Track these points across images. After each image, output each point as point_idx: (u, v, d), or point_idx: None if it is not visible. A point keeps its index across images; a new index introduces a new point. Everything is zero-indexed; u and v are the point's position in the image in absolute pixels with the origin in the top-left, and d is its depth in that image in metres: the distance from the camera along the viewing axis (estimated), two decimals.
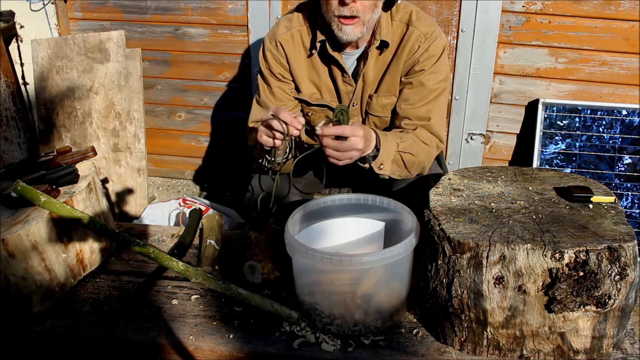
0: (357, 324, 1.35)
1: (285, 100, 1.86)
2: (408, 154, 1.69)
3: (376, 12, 1.67)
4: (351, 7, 1.61)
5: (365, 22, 1.66)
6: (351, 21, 1.64)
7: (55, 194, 1.52)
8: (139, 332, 1.40)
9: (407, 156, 1.69)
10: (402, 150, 1.68)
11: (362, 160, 1.64)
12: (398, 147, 1.67)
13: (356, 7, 1.61)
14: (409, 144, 1.70)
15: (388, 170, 1.67)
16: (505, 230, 1.24)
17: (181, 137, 3.23)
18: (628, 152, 2.58)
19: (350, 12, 1.62)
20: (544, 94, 2.68)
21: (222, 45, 2.97)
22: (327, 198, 1.54)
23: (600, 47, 2.55)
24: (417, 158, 1.73)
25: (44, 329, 1.42)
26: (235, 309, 1.47)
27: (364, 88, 1.83)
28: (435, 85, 1.77)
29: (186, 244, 1.74)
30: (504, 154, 2.85)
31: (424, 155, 1.75)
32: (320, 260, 1.27)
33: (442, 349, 1.33)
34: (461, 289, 1.24)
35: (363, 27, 1.66)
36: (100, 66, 2.86)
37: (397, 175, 1.72)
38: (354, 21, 1.64)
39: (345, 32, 1.66)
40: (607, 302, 1.19)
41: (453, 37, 2.70)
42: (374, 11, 1.66)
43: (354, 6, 1.61)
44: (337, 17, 1.64)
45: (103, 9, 3.02)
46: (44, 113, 2.93)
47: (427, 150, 1.76)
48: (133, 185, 2.94)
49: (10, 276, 1.40)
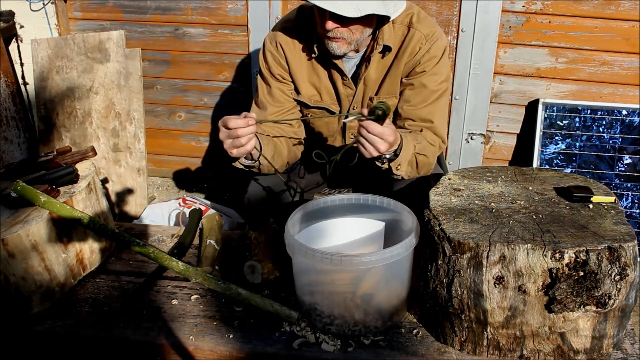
0: (357, 324, 1.35)
1: (284, 101, 1.86)
2: (422, 156, 1.70)
3: (366, 31, 1.68)
4: (334, 31, 1.62)
5: (351, 42, 1.67)
6: (337, 40, 1.66)
7: (55, 194, 1.52)
8: (139, 332, 1.40)
9: (421, 157, 1.70)
10: (418, 151, 1.69)
11: (381, 160, 1.64)
12: (415, 149, 1.67)
13: (339, 31, 1.63)
14: (423, 146, 1.71)
15: (404, 171, 1.67)
16: (505, 230, 1.24)
17: (181, 137, 3.23)
18: (628, 152, 2.58)
19: (333, 35, 1.64)
20: (544, 94, 2.68)
21: (222, 45, 2.97)
22: (327, 198, 1.54)
23: (601, 47, 2.55)
24: (429, 160, 1.74)
25: (44, 329, 1.42)
26: (235, 309, 1.47)
27: (365, 91, 1.82)
28: (437, 86, 1.77)
29: (186, 244, 1.74)
30: (504, 154, 2.85)
31: (433, 157, 1.77)
32: (320, 260, 1.27)
33: (442, 349, 1.33)
34: (461, 289, 1.24)
35: (349, 46, 1.68)
36: (100, 66, 2.86)
37: (408, 175, 1.72)
38: (339, 40, 1.66)
39: (332, 48, 1.68)
40: (607, 302, 1.19)
41: (453, 37, 2.70)
42: (362, 32, 1.66)
43: (336, 31, 1.62)
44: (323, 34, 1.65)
45: (103, 9, 3.02)
46: (44, 113, 2.93)
47: (433, 151, 1.77)
48: (133, 185, 2.94)
49: (10, 276, 1.40)
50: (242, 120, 1.54)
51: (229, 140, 1.57)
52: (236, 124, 1.53)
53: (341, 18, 1.57)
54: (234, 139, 1.56)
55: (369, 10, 1.56)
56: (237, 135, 1.54)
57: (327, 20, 1.59)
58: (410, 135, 1.71)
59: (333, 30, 1.61)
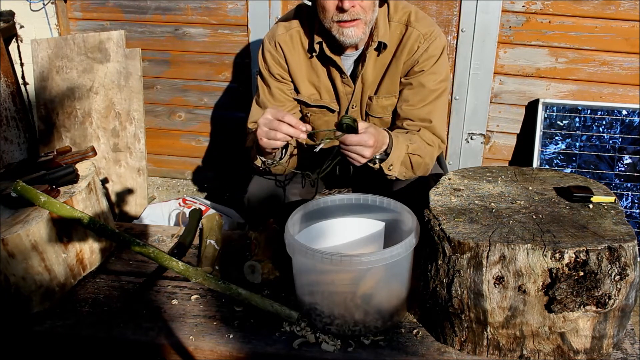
0: (357, 324, 1.35)
1: (284, 101, 1.86)
2: (416, 156, 1.70)
3: (375, 10, 1.67)
4: (351, 11, 1.60)
5: (367, 22, 1.65)
6: (352, 23, 1.63)
7: (55, 194, 1.52)
8: (139, 332, 1.40)
9: (415, 158, 1.70)
10: (411, 152, 1.68)
11: (372, 161, 1.64)
12: (408, 149, 1.67)
13: (356, 10, 1.61)
14: (418, 146, 1.71)
15: (397, 171, 1.67)
16: (505, 230, 1.24)
17: (181, 137, 3.22)
18: (628, 152, 2.58)
19: (350, 17, 1.61)
20: (544, 94, 2.68)
21: (222, 45, 2.97)
22: (327, 198, 1.54)
23: (601, 47, 2.55)
24: (424, 160, 1.73)
25: (44, 329, 1.42)
26: (235, 309, 1.47)
27: (363, 89, 1.82)
28: (436, 86, 1.76)
29: (186, 244, 1.74)
30: (504, 154, 2.85)
31: (429, 157, 1.76)
32: (320, 260, 1.27)
33: (442, 349, 1.33)
34: (461, 289, 1.24)
35: (365, 27, 1.66)
36: (100, 66, 2.86)
37: (403, 176, 1.72)
38: (355, 23, 1.63)
39: (347, 35, 1.65)
40: (607, 302, 1.19)
41: (453, 37, 2.70)
42: (373, 10, 1.66)
43: (353, 10, 1.60)
44: (337, 22, 1.64)
45: (103, 9, 3.02)
46: (44, 113, 2.93)
47: (431, 152, 1.77)
48: (133, 185, 2.94)
49: (10, 276, 1.40)
50: (295, 121, 1.51)
51: (265, 129, 1.53)
52: (289, 120, 1.50)
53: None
54: (273, 130, 1.52)
55: None
56: (278, 129, 1.51)
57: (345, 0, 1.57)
58: (403, 135, 1.71)
59: (350, 10, 1.59)
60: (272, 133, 1.52)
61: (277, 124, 1.51)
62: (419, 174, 1.77)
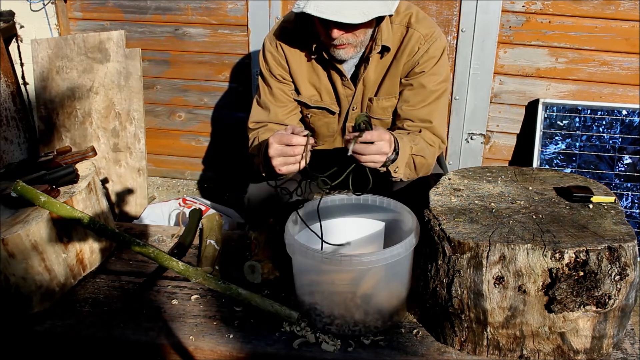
0: (357, 324, 1.35)
1: (286, 101, 1.86)
2: (420, 157, 1.69)
3: (368, 32, 1.67)
4: (340, 39, 1.61)
5: (357, 45, 1.66)
6: (343, 47, 1.64)
7: (55, 194, 1.52)
8: (139, 332, 1.40)
9: (419, 159, 1.69)
10: (415, 153, 1.68)
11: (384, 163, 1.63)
12: (412, 150, 1.67)
13: (345, 37, 1.62)
14: (421, 147, 1.70)
15: (402, 173, 1.66)
16: (505, 230, 1.24)
17: (181, 137, 3.22)
18: (628, 152, 2.58)
19: (339, 42, 1.62)
20: (544, 94, 2.68)
21: (222, 45, 2.97)
22: (327, 198, 1.54)
23: (600, 47, 2.55)
24: (427, 161, 1.73)
25: (44, 329, 1.42)
26: (235, 309, 1.47)
27: (364, 91, 1.82)
28: (436, 87, 1.76)
29: (186, 244, 1.74)
30: (504, 154, 2.85)
31: (431, 158, 1.76)
32: (320, 260, 1.28)
33: (442, 349, 1.33)
34: (461, 289, 1.24)
35: (356, 49, 1.68)
36: (100, 66, 2.86)
37: (407, 177, 1.72)
38: (346, 47, 1.64)
39: (339, 54, 1.67)
40: (607, 302, 1.19)
41: (453, 37, 2.70)
42: (366, 33, 1.66)
43: (342, 38, 1.61)
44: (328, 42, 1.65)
45: (103, 9, 3.02)
46: (44, 113, 2.93)
47: (432, 152, 1.77)
48: (133, 185, 2.94)
49: (10, 276, 1.40)
50: (301, 139, 1.48)
51: (280, 159, 1.51)
52: (298, 142, 1.48)
53: (345, 25, 1.55)
54: (289, 157, 1.50)
55: (374, 13, 1.54)
56: (293, 154, 1.49)
57: (332, 29, 1.57)
58: (407, 136, 1.71)
59: (339, 38, 1.60)
60: (290, 159, 1.50)
61: (289, 149, 1.49)
62: (421, 175, 1.77)
